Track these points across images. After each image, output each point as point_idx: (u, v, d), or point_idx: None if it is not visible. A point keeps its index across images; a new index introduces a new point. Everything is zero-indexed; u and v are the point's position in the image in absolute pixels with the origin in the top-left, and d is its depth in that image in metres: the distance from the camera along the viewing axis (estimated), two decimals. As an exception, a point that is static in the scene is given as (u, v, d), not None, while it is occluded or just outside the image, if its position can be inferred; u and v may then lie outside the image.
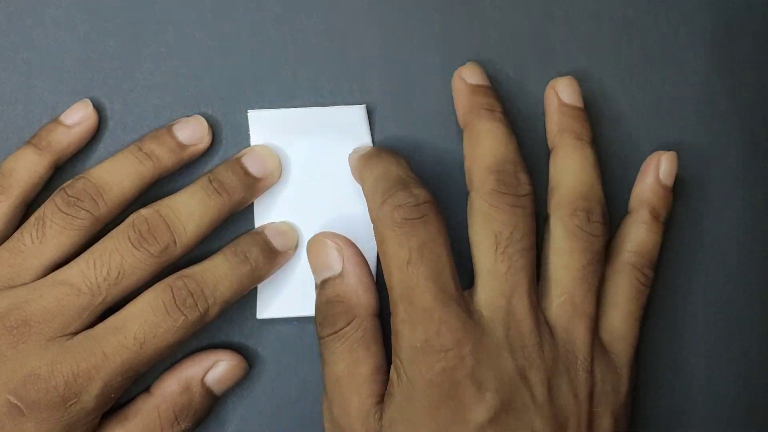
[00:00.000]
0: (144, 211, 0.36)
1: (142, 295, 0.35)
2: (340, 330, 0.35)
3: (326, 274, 0.36)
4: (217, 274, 0.36)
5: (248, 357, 0.39)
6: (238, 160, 0.38)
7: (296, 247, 0.39)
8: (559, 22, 0.40)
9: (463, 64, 0.40)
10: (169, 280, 0.35)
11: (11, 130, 0.39)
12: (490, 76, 0.39)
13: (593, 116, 0.40)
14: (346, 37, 0.40)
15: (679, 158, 0.39)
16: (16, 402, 0.33)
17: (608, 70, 0.40)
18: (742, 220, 0.40)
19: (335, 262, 0.36)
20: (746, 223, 0.40)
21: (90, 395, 0.34)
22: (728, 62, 0.40)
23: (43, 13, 0.39)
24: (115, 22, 0.39)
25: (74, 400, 0.34)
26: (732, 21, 0.40)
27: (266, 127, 0.39)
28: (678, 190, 0.40)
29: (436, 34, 0.40)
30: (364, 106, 0.39)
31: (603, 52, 0.40)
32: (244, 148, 0.39)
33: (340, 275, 0.36)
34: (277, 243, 0.38)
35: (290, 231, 0.38)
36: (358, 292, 0.36)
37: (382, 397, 0.34)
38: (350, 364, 0.35)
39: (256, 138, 0.39)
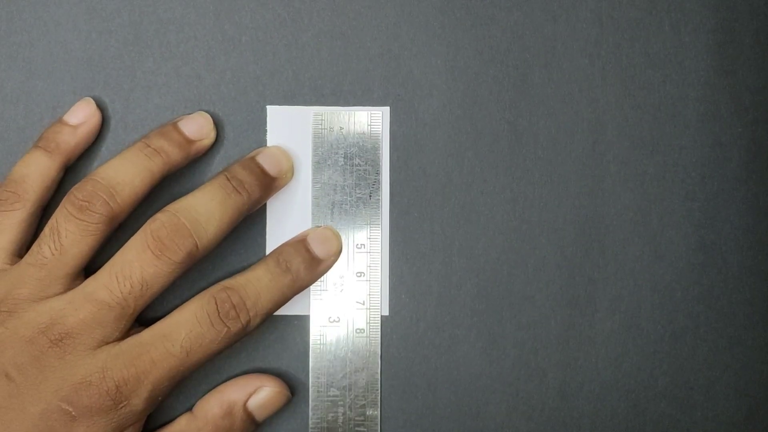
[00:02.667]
0: (161, 216, 0.35)
1: (188, 303, 0.35)
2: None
3: None
4: (259, 286, 0.36)
5: (247, 356, 0.39)
6: (253, 158, 0.38)
7: (339, 252, 0.39)
8: (561, 22, 0.40)
9: (466, 64, 0.40)
10: (213, 291, 0.35)
11: (12, 129, 0.39)
12: (493, 76, 0.39)
13: (594, 117, 0.40)
14: (347, 37, 0.40)
15: (681, 158, 0.39)
16: (68, 408, 0.33)
17: (610, 71, 0.40)
18: (743, 220, 0.40)
19: None
20: (747, 224, 0.40)
21: (140, 398, 0.34)
22: (730, 62, 0.40)
23: (44, 12, 0.39)
24: (116, 21, 0.39)
25: (125, 403, 0.34)
26: (734, 21, 0.40)
27: (284, 123, 0.39)
28: (679, 191, 0.40)
29: (438, 34, 0.40)
30: (387, 108, 0.39)
31: (605, 52, 0.40)
32: (244, 145, 0.39)
33: None
34: (319, 251, 0.38)
35: (333, 238, 0.39)
36: None
37: None
38: None
39: (272, 133, 0.39)
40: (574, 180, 0.40)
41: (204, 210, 0.35)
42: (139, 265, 0.34)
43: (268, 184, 0.38)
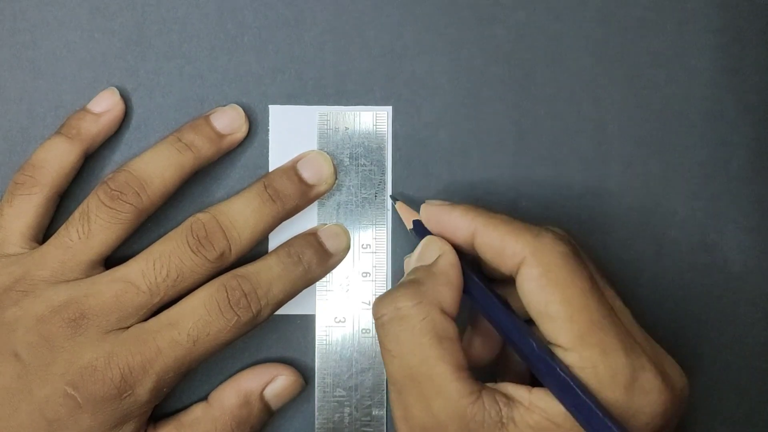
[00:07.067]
0: (202, 216, 0.36)
1: (196, 292, 0.35)
2: (400, 309, 0.33)
3: (417, 264, 0.35)
4: (271, 275, 0.36)
5: (251, 356, 0.39)
6: (293, 166, 0.38)
7: (348, 249, 0.39)
8: (566, 21, 0.40)
9: (469, 63, 0.40)
10: (224, 279, 0.36)
11: (16, 129, 0.39)
12: (497, 75, 0.39)
13: (598, 116, 0.40)
14: (350, 37, 0.40)
15: (684, 158, 0.39)
16: (73, 393, 0.34)
17: (614, 70, 0.40)
18: (746, 221, 0.40)
19: (430, 255, 0.35)
20: (750, 224, 0.40)
21: (144, 388, 0.34)
22: (734, 62, 0.40)
23: (47, 12, 0.39)
24: (119, 21, 0.39)
25: (129, 392, 0.34)
26: (738, 21, 0.40)
27: (287, 122, 0.39)
28: (683, 190, 0.40)
29: (441, 34, 0.40)
30: (390, 107, 0.39)
31: (609, 51, 0.40)
32: (247, 144, 0.39)
33: (429, 265, 0.34)
34: (330, 245, 0.38)
35: (343, 234, 0.39)
36: (436, 285, 0.34)
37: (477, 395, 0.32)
38: (423, 359, 0.32)
39: (275, 133, 0.39)
40: (578, 179, 0.40)
41: (239, 216, 0.36)
42: (177, 256, 0.35)
43: (306, 192, 0.38)
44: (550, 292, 0.32)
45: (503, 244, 0.33)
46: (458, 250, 0.35)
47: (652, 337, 0.34)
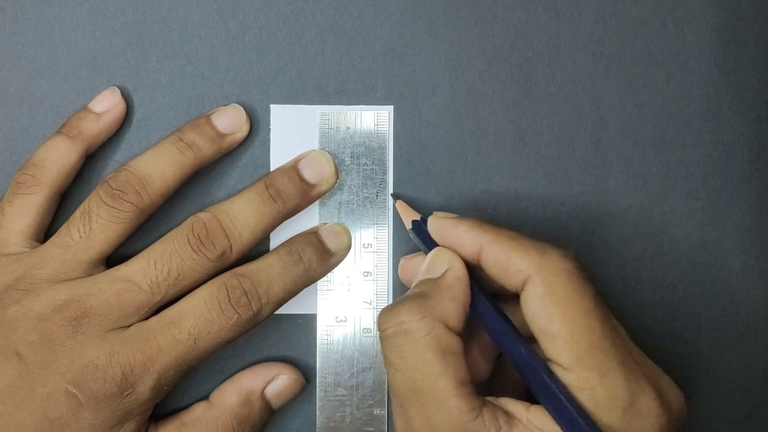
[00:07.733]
0: (203, 216, 0.36)
1: (197, 291, 0.35)
2: (404, 324, 0.33)
3: (425, 276, 0.35)
4: (272, 273, 0.36)
5: (252, 355, 0.39)
6: (295, 165, 0.38)
7: (349, 248, 0.39)
8: (565, 20, 0.40)
9: (469, 63, 0.40)
10: (224, 277, 0.36)
11: (17, 129, 0.39)
12: (496, 75, 0.39)
13: (597, 115, 0.40)
14: (351, 36, 0.40)
15: (683, 157, 0.39)
16: (74, 392, 0.34)
17: (613, 69, 0.40)
18: (745, 219, 0.40)
19: (439, 267, 0.35)
20: (749, 223, 0.40)
21: (145, 386, 0.34)
22: (733, 61, 0.40)
23: (48, 12, 0.39)
24: (120, 21, 0.39)
25: (130, 391, 0.34)
26: (737, 20, 0.40)
27: (288, 122, 0.39)
28: (682, 189, 0.40)
29: (441, 33, 0.40)
30: (390, 107, 0.39)
31: (608, 50, 0.40)
32: (248, 144, 0.39)
33: (436, 279, 0.34)
34: (331, 244, 0.38)
35: (344, 233, 0.39)
36: (442, 300, 0.34)
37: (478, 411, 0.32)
38: (425, 375, 0.32)
39: (276, 132, 0.39)
40: (577, 178, 0.40)
41: (240, 215, 0.36)
42: (178, 255, 0.35)
43: (307, 191, 0.38)
44: (552, 311, 0.32)
45: (509, 261, 0.33)
46: (465, 263, 0.35)
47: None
